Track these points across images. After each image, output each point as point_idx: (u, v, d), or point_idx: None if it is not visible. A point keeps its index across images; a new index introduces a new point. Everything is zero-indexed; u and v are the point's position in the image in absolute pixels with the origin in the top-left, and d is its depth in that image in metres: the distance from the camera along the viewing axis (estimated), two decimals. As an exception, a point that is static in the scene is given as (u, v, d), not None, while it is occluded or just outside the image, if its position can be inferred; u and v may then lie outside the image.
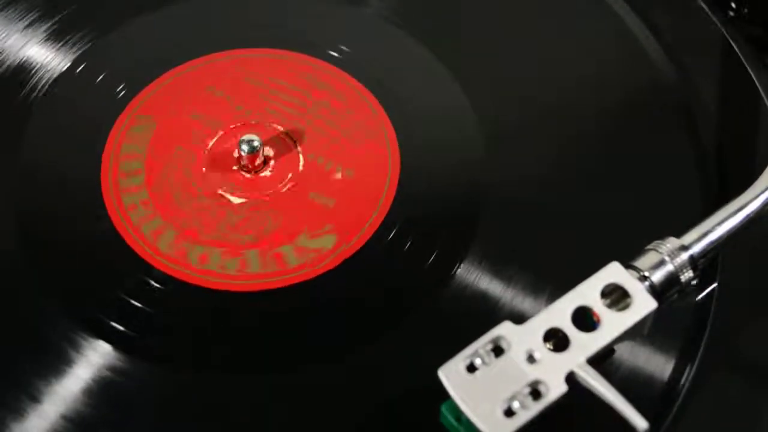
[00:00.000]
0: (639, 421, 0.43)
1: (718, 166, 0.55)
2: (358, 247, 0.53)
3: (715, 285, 0.51)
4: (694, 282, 0.48)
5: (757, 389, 0.49)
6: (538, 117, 0.57)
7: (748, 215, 0.49)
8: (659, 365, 0.49)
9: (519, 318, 0.45)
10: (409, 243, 0.53)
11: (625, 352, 0.49)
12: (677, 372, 0.49)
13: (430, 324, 0.50)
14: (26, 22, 0.61)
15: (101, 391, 0.48)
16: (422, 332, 0.50)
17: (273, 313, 0.51)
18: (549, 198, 0.55)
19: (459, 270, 0.52)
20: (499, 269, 0.52)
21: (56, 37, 0.60)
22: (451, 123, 0.57)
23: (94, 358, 0.49)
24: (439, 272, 0.52)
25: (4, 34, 0.60)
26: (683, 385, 0.49)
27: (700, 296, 0.51)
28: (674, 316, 0.50)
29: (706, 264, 0.49)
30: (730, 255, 0.52)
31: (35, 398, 0.48)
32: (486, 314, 0.48)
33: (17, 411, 0.47)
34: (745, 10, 0.65)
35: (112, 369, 0.49)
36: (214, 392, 0.48)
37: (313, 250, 0.52)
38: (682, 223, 0.49)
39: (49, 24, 0.61)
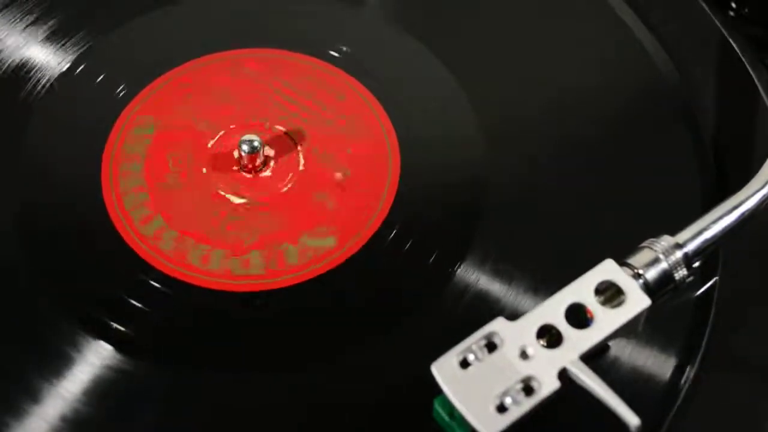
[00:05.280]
0: (631, 417, 0.43)
1: (718, 165, 0.55)
2: (358, 247, 0.53)
3: (716, 283, 0.51)
4: (688, 280, 0.48)
5: (758, 388, 0.49)
6: (538, 116, 0.57)
7: (742, 213, 0.49)
8: (660, 364, 0.49)
9: (518, 317, 0.46)
10: (409, 243, 0.53)
11: (625, 351, 0.49)
12: (678, 371, 0.49)
13: (430, 324, 0.50)
14: (26, 22, 0.61)
15: (101, 391, 0.48)
16: (422, 332, 0.50)
17: (273, 313, 0.51)
18: (549, 197, 0.55)
19: (459, 270, 0.52)
20: (499, 269, 0.52)
21: (56, 37, 0.60)
22: (451, 123, 0.57)
23: (94, 358, 0.49)
24: (439, 272, 0.52)
25: (4, 34, 0.61)
26: (684, 384, 0.48)
27: (701, 291, 0.51)
28: (675, 315, 0.50)
29: (701, 262, 0.49)
30: (731, 253, 0.52)
31: (35, 398, 0.48)
32: (486, 314, 0.48)
33: (17, 411, 0.47)
34: (745, 10, 0.64)
35: (112, 369, 0.49)
36: (214, 392, 0.48)
37: (314, 250, 0.52)
38: (682, 222, 0.49)
39: (49, 24, 0.61)
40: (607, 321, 0.45)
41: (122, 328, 0.50)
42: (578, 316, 0.45)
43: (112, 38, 0.61)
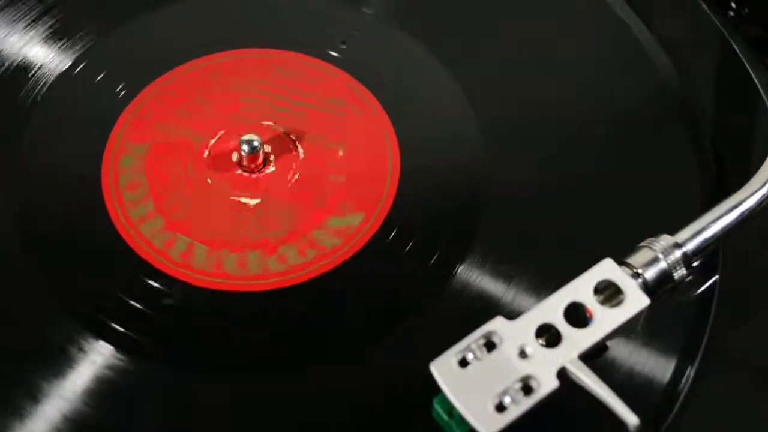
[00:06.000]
0: (630, 417, 0.43)
1: (718, 166, 0.55)
2: (358, 247, 0.53)
3: (716, 284, 0.51)
4: (687, 279, 0.48)
5: (758, 388, 0.49)
6: (538, 116, 0.57)
7: (742, 213, 0.49)
8: (659, 364, 0.49)
9: (517, 316, 0.45)
10: (409, 243, 0.53)
11: (624, 351, 0.49)
12: (677, 370, 0.49)
13: (430, 324, 0.50)
14: (26, 22, 0.61)
15: (102, 391, 0.48)
16: (422, 332, 0.50)
17: (273, 314, 0.51)
18: (549, 197, 0.55)
19: (459, 270, 0.52)
20: (499, 269, 0.52)
21: (56, 37, 0.60)
22: (451, 123, 0.57)
23: (95, 358, 0.49)
24: (439, 272, 0.52)
25: (4, 34, 0.61)
26: (683, 383, 0.48)
27: (701, 294, 0.51)
28: (674, 315, 0.50)
29: (701, 261, 0.49)
30: (731, 253, 0.52)
31: (36, 398, 0.48)
32: (486, 314, 0.48)
33: (18, 411, 0.47)
34: (745, 10, 0.64)
35: (112, 369, 0.49)
36: (215, 392, 0.48)
37: (314, 251, 0.52)
38: (682, 222, 0.49)
39: (49, 24, 0.61)
40: (606, 320, 0.45)
41: (122, 328, 0.50)
42: (577, 316, 0.45)
43: (112, 38, 0.61)
